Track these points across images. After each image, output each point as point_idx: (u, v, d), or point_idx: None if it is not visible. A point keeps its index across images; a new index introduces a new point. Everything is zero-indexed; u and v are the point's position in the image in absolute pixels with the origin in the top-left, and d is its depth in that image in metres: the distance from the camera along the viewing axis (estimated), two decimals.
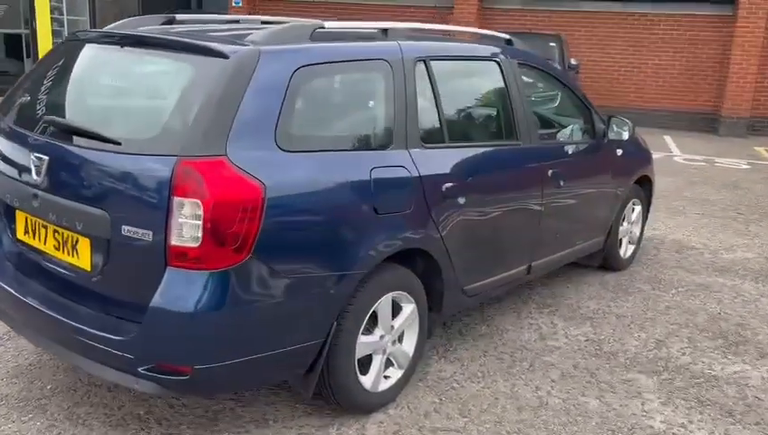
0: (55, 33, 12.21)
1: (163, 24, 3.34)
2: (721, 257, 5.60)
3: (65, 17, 13.05)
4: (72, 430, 2.86)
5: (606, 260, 4.98)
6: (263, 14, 15.31)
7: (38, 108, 2.87)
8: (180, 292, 2.33)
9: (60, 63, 2.99)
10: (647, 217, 5.43)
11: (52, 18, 12.24)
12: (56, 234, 2.66)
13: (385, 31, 3.18)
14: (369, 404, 3.03)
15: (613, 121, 4.43)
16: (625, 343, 3.93)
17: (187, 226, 2.30)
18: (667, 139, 12.27)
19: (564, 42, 11.05)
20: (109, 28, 3.22)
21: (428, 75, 3.20)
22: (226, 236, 2.32)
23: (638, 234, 5.27)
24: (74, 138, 2.59)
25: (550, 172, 3.86)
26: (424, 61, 3.19)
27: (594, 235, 4.60)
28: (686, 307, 4.49)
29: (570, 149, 4.22)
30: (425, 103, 3.17)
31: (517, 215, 3.67)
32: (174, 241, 2.32)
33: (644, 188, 5.23)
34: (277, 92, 2.53)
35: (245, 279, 2.40)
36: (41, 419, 2.93)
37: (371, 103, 2.98)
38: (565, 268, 4.97)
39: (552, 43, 10.72)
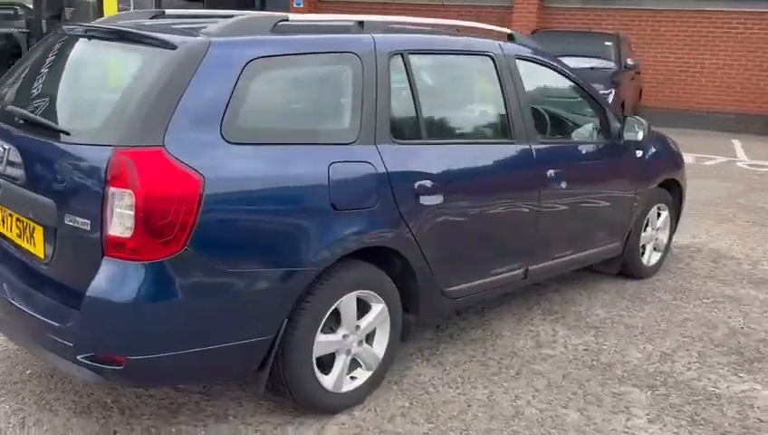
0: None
1: (151, 18, 3.37)
2: (761, 269, 5.24)
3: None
4: (38, 414, 2.92)
5: (626, 267, 4.74)
6: (317, 12, 15.45)
7: (5, 99, 2.95)
8: (115, 282, 2.34)
9: (34, 57, 3.07)
10: (676, 224, 5.13)
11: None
12: (18, 222, 2.72)
13: (361, 23, 3.10)
14: (333, 405, 2.97)
15: (629, 121, 4.20)
16: (626, 354, 3.71)
17: (121, 216, 2.30)
18: (735, 143, 11.64)
19: (623, 40, 10.65)
20: (94, 22, 3.28)
21: (406, 69, 3.11)
22: (159, 227, 2.31)
23: (665, 241, 4.98)
24: (30, 128, 2.64)
25: (549, 173, 3.69)
26: (401, 54, 3.10)
27: (608, 240, 4.37)
28: (707, 320, 4.21)
29: (577, 150, 4.03)
30: (400, 98, 3.08)
31: (507, 216, 3.52)
32: (109, 231, 2.33)
33: (673, 192, 4.95)
34: (226, 84, 2.50)
35: (181, 272, 2.38)
36: (11, 402, 3.00)
37: (335, 97, 2.91)
38: (581, 274, 4.78)
39: (607, 42, 10.36)
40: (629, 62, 10.11)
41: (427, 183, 3.06)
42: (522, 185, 3.58)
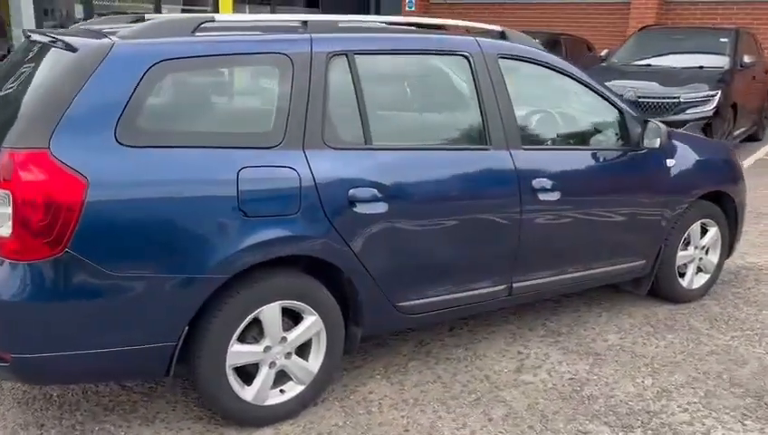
0: None
1: (130, 22, 3.44)
2: None
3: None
4: None
5: (660, 289, 4.25)
6: (434, 18, 15.32)
7: None
8: None
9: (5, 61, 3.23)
10: (733, 243, 4.53)
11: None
12: None
13: (305, 23, 2.98)
14: (258, 417, 2.88)
15: (650, 127, 3.75)
16: (617, 388, 3.31)
17: (1, 216, 2.35)
18: None
19: (743, 36, 9.63)
20: (72, 27, 3.39)
21: (351, 71, 2.95)
22: (38, 228, 2.33)
23: (714, 261, 4.41)
24: None
25: (536, 183, 3.37)
26: (345, 55, 2.94)
27: (629, 257, 3.93)
28: (738, 354, 3.67)
29: (578, 157, 3.64)
30: (340, 101, 2.92)
31: (477, 229, 3.25)
32: None
33: (727, 207, 4.38)
34: (124, 86, 2.48)
35: (64, 273, 2.38)
36: None
37: (255, 100, 2.82)
38: (609, 295, 4.36)
39: (723, 39, 9.41)
40: (746, 59, 9.11)
41: (365, 191, 2.89)
42: (496, 195, 3.28)
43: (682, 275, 4.30)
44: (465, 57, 3.27)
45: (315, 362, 2.97)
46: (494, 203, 3.29)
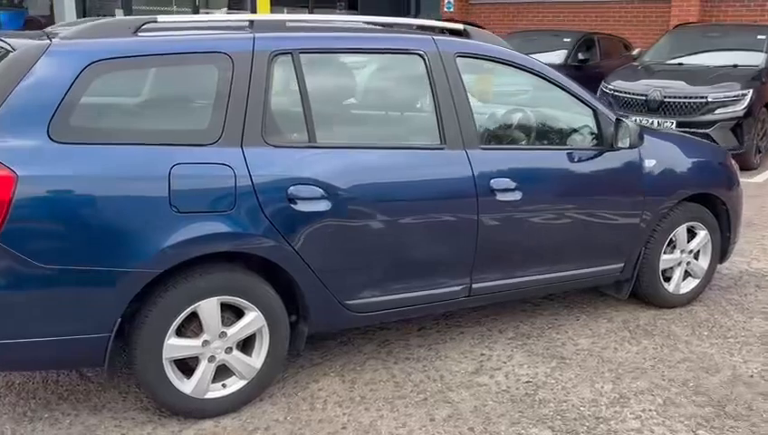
0: None
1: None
2: None
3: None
4: None
5: (641, 293, 4.13)
6: (473, 19, 15.24)
7: None
8: None
9: None
10: (726, 248, 4.35)
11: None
12: None
13: (252, 23, 3.02)
14: (199, 410, 2.93)
15: (623, 126, 3.64)
16: (573, 393, 3.24)
17: None
18: None
19: None
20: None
21: (296, 70, 2.97)
22: None
23: (704, 266, 4.26)
24: None
25: (495, 182, 3.33)
26: (290, 54, 2.98)
27: (603, 260, 3.83)
28: (712, 362, 3.54)
29: (542, 157, 3.58)
30: (283, 100, 2.96)
31: (428, 228, 3.23)
32: None
33: (718, 211, 4.22)
34: (59, 85, 2.57)
35: None
36: None
37: (192, 98, 2.87)
38: (595, 298, 4.27)
39: (760, 36, 9.05)
40: None
41: (306, 189, 2.91)
42: (450, 195, 3.26)
43: (669, 279, 4.17)
44: (420, 56, 3.26)
45: (258, 358, 3.01)
46: (448, 203, 3.26)
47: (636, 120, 4.20)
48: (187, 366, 2.93)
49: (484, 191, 3.31)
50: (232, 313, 2.94)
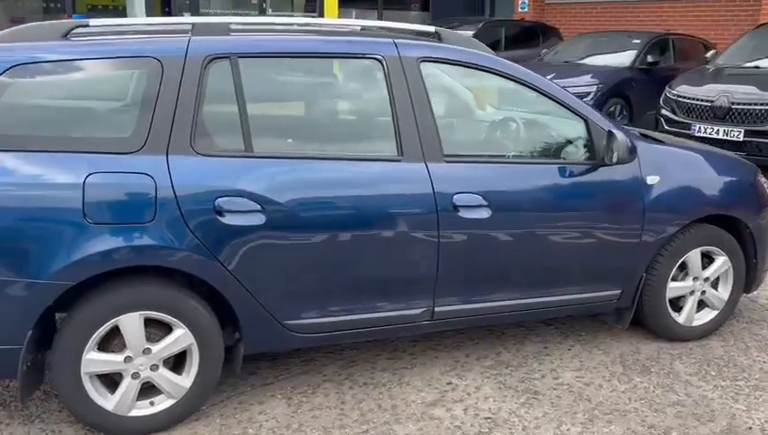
0: None
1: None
2: None
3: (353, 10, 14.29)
4: None
5: (646, 324, 3.73)
6: (548, 19, 14.69)
7: None
8: None
9: None
10: (754, 277, 3.86)
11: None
12: None
13: (193, 26, 2.88)
14: (116, 427, 2.81)
15: (611, 139, 3.27)
16: (531, 434, 2.92)
17: None
18: None
19: None
20: None
21: (233, 75, 2.81)
22: None
23: (723, 296, 3.79)
24: None
25: (459, 198, 3.05)
26: (228, 58, 2.81)
27: (595, 286, 3.46)
28: (709, 408, 3.12)
29: (518, 172, 3.24)
30: (217, 106, 2.80)
31: (383, 246, 2.98)
32: None
33: (742, 234, 3.75)
34: None
35: None
36: None
37: (115, 104, 2.75)
38: (593, 327, 3.89)
39: None
40: None
41: (236, 201, 2.74)
42: (405, 210, 3.00)
43: (681, 309, 3.74)
44: (378, 61, 3.02)
45: (188, 377, 2.87)
46: (404, 219, 3.00)
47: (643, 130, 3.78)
48: (112, 382, 2.83)
49: (446, 208, 3.04)
50: (162, 329, 2.82)
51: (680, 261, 3.62)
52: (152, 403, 2.86)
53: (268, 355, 3.48)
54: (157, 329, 2.80)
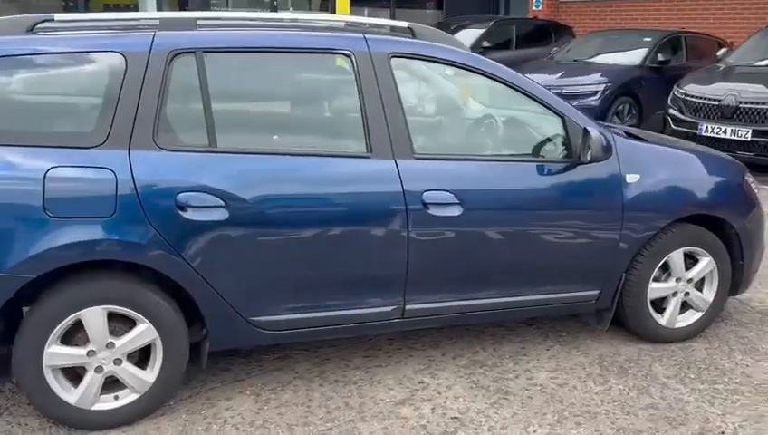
0: None
1: None
2: None
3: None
4: None
5: (627, 325, 3.67)
6: (563, 18, 14.55)
7: None
8: None
9: None
10: (740, 278, 3.78)
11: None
12: None
13: (161, 21, 2.88)
14: (80, 420, 2.82)
15: (586, 137, 3.21)
16: (499, 434, 2.88)
17: None
18: None
19: None
20: None
21: (198, 70, 2.81)
22: None
23: (708, 298, 3.72)
24: None
25: (429, 195, 3.02)
26: (193, 53, 2.81)
27: (572, 286, 3.41)
28: (681, 413, 3.06)
29: (491, 169, 3.20)
30: (182, 101, 2.80)
31: (351, 243, 2.96)
32: None
33: (729, 235, 3.67)
34: None
35: None
36: None
37: (77, 99, 2.75)
38: (577, 327, 3.84)
39: None
40: None
41: (198, 196, 2.74)
42: (373, 207, 2.98)
43: (664, 310, 3.67)
44: (347, 56, 3.00)
45: (152, 372, 2.87)
46: (372, 216, 2.98)
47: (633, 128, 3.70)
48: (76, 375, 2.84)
49: (415, 205, 3.01)
50: (126, 323, 2.82)
51: (662, 261, 3.56)
52: (116, 397, 2.87)
53: (242, 351, 3.48)
54: (121, 323, 2.81)
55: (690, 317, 3.73)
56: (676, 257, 3.58)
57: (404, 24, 3.29)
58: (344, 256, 2.99)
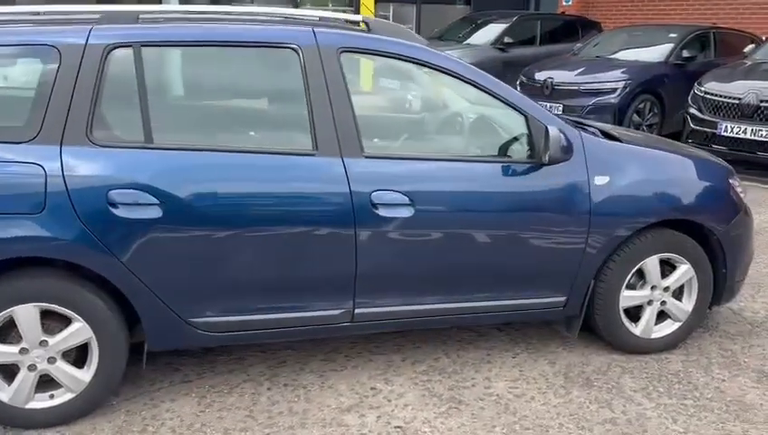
0: None
1: None
2: None
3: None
4: None
5: (599, 334, 3.50)
6: (593, 13, 14.20)
7: None
8: None
9: None
10: (722, 287, 3.57)
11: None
12: None
13: (102, 14, 2.83)
14: (14, 418, 2.79)
15: (547, 137, 3.05)
16: None
17: None
18: None
19: None
20: None
21: (136, 64, 2.74)
22: None
23: (686, 308, 3.52)
24: None
25: (377, 195, 2.91)
26: (131, 47, 2.75)
27: (535, 292, 3.26)
28: (638, 429, 2.89)
29: (445, 169, 3.06)
30: (118, 96, 2.74)
31: (292, 244, 2.87)
32: None
33: (710, 240, 3.47)
34: None
35: None
36: None
37: (10, 93, 2.72)
38: (549, 334, 3.68)
39: None
40: None
41: (131, 193, 2.67)
42: (318, 206, 2.88)
43: (639, 319, 3.49)
44: (294, 50, 2.91)
45: (87, 371, 2.83)
46: (316, 216, 2.89)
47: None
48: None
49: (364, 205, 2.90)
50: (62, 322, 2.78)
51: (636, 268, 3.38)
52: (52, 396, 2.84)
53: (196, 352, 3.42)
54: (56, 322, 2.77)
55: (668, 327, 3.54)
56: (651, 264, 3.40)
57: (359, 17, 3.17)
58: (287, 257, 2.90)
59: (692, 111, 7.89)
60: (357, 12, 12.53)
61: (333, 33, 3.00)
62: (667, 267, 3.47)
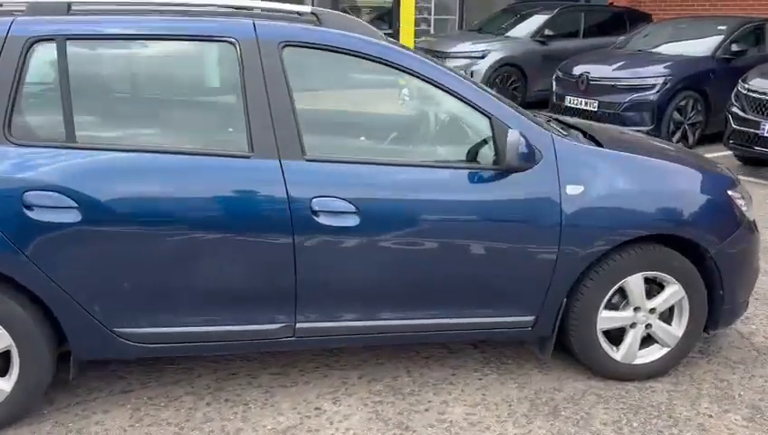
0: (421, 33, 12.79)
1: None
2: None
3: (433, 17, 13.73)
4: None
5: (579, 358, 3.19)
6: (646, 5, 13.54)
7: None
8: None
9: None
10: (719, 311, 3.20)
11: (419, 18, 12.99)
12: None
13: (29, 6, 2.68)
14: None
15: (506, 141, 2.75)
16: None
17: None
18: None
19: None
20: None
21: (59, 58, 2.58)
22: None
23: (676, 332, 3.17)
24: None
25: (318, 202, 2.68)
26: (54, 40, 2.59)
27: (499, 310, 2.98)
28: None
29: (396, 175, 2.80)
30: (38, 92, 2.59)
31: (223, 253, 2.67)
32: None
33: (703, 258, 3.12)
34: None
35: None
36: None
37: None
38: (525, 356, 3.39)
39: None
40: None
41: (47, 195, 2.52)
42: (251, 212, 2.67)
43: (618, 344, 3.17)
44: (231, 44, 2.70)
45: (9, 380, 2.70)
46: (249, 223, 2.68)
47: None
48: None
49: (303, 213, 2.68)
50: None
51: (616, 287, 3.06)
52: None
53: (147, 360, 3.27)
54: None
55: (655, 353, 3.20)
56: (634, 283, 3.06)
57: (307, 8, 2.94)
58: (220, 266, 2.71)
59: (734, 109, 7.35)
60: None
61: (275, 26, 2.78)
62: (656, 287, 3.14)
